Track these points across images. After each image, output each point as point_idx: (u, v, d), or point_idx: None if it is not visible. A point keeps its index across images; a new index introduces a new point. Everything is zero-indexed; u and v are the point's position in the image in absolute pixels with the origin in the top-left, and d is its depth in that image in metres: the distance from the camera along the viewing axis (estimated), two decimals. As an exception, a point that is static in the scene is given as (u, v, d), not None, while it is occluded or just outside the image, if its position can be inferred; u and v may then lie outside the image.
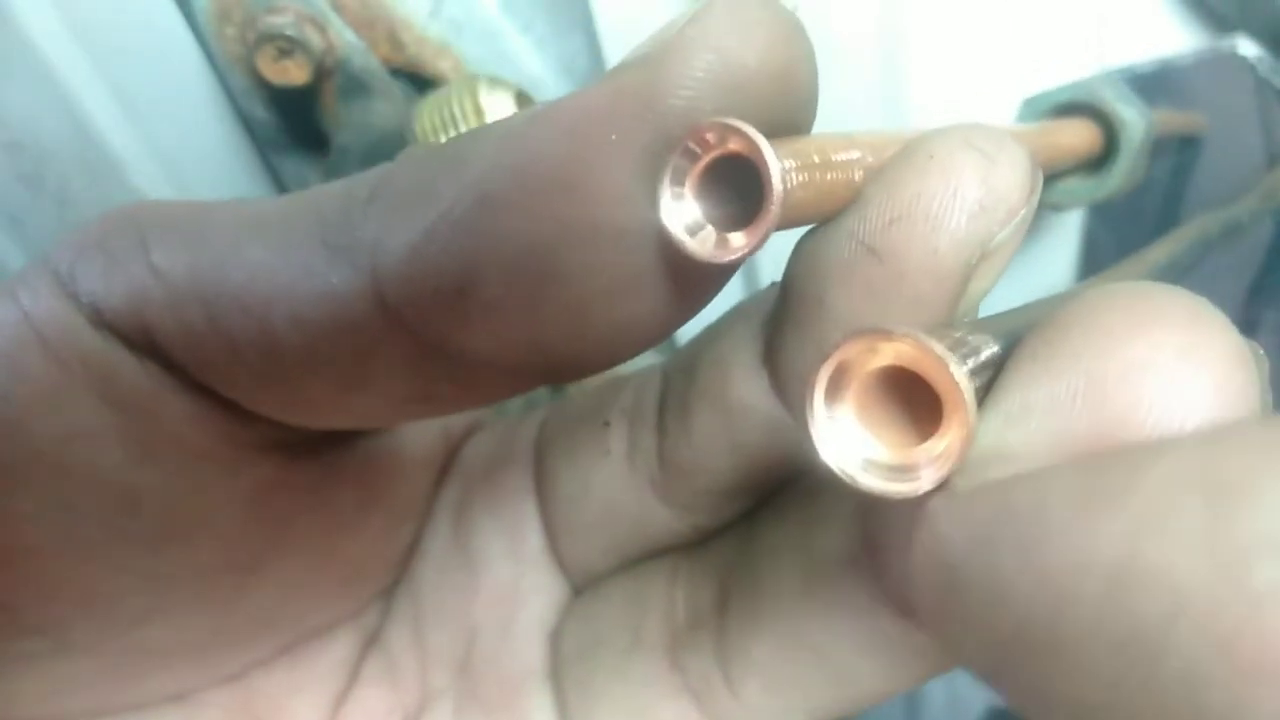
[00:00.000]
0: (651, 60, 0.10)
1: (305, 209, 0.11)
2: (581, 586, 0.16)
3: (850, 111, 0.30)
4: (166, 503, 0.13)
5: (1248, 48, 0.31)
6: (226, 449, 0.13)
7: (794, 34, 0.10)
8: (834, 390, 0.09)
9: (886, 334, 0.09)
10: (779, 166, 0.09)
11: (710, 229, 0.10)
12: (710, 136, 0.10)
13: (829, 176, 0.11)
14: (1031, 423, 0.08)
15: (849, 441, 0.09)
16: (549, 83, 0.31)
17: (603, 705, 0.14)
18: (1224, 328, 0.08)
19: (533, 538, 0.16)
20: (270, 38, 0.27)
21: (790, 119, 0.11)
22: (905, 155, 0.11)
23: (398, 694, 0.16)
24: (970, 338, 0.09)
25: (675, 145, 0.10)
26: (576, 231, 0.10)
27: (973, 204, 0.10)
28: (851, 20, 0.28)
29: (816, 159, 0.10)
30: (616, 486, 0.15)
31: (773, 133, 0.10)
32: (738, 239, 0.10)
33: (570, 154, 0.10)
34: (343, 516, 0.15)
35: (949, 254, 0.10)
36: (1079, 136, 0.27)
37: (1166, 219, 0.34)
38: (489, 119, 0.26)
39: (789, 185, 0.09)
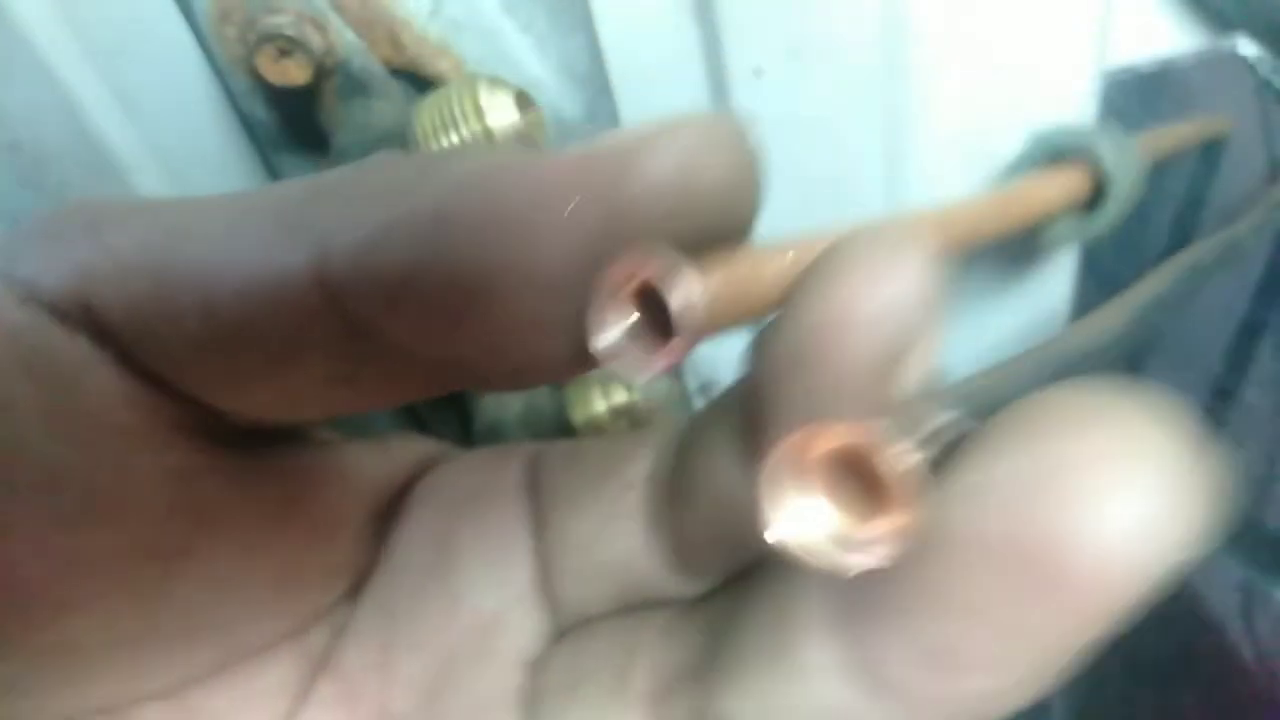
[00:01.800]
0: (623, 151, 0.11)
1: (270, 194, 0.12)
2: (568, 626, 0.16)
3: (851, 109, 0.30)
4: (89, 480, 0.13)
5: (1248, 48, 0.31)
6: (153, 426, 0.13)
7: (753, 170, 0.11)
8: (786, 472, 0.10)
9: (825, 427, 0.10)
10: (684, 296, 0.10)
11: (632, 347, 0.11)
12: (634, 266, 0.11)
13: (754, 287, 0.12)
14: (971, 509, 0.09)
15: (804, 518, 0.10)
16: (549, 83, 0.31)
17: None
18: (1163, 436, 0.08)
19: (521, 573, 0.16)
20: (270, 38, 0.27)
21: (729, 236, 0.12)
22: (818, 262, 0.11)
23: (353, 717, 0.16)
24: (920, 412, 0.10)
25: (605, 272, 0.11)
26: (513, 275, 0.11)
27: (879, 306, 0.11)
28: (853, 19, 0.28)
29: (741, 272, 0.11)
30: (634, 549, 0.15)
31: (711, 241, 0.11)
32: (655, 361, 0.11)
33: (528, 207, 0.11)
34: (271, 510, 0.15)
35: (867, 354, 0.11)
36: (1065, 188, 0.29)
37: (1182, 224, 0.34)
38: (489, 119, 0.26)
39: (695, 321, 0.11)
